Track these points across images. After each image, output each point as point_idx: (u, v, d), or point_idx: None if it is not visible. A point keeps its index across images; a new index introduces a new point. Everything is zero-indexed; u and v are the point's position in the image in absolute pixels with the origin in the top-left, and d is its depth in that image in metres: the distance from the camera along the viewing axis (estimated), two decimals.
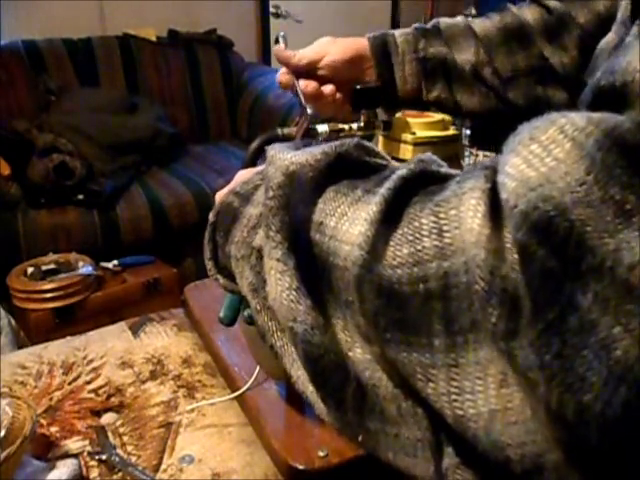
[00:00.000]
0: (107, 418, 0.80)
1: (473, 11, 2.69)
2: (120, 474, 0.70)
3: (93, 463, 0.72)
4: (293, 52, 0.75)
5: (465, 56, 0.73)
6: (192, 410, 0.79)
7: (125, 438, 0.75)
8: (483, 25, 0.74)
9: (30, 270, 1.78)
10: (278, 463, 0.69)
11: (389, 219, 0.28)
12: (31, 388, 0.85)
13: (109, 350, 0.93)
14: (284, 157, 0.33)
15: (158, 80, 2.72)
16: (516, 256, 0.22)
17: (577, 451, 0.22)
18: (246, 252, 0.38)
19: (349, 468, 0.67)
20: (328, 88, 0.74)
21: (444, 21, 0.76)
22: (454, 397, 0.25)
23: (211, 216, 0.45)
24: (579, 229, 0.21)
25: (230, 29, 2.94)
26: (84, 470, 0.71)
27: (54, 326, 1.72)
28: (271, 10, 3.20)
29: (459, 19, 0.76)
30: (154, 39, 2.74)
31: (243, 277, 0.38)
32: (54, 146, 2.06)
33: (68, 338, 0.98)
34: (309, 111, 0.72)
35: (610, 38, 0.46)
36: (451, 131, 0.90)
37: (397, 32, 0.77)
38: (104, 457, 0.72)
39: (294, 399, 0.76)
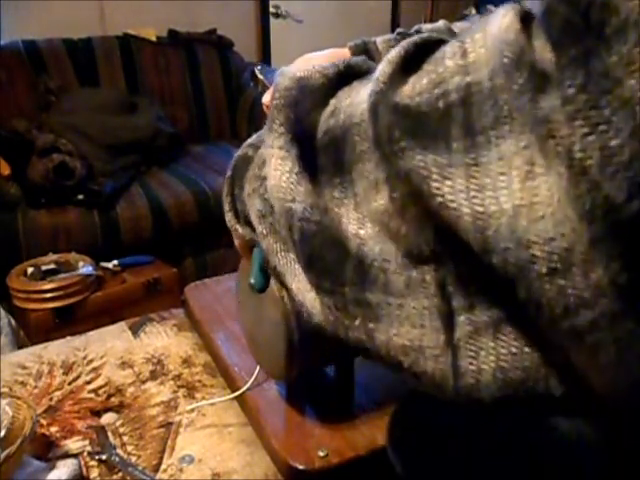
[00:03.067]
0: (107, 418, 0.80)
1: (473, 11, 2.69)
2: (120, 474, 0.70)
3: (93, 463, 0.72)
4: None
5: None
6: (192, 410, 0.79)
7: (125, 438, 0.75)
8: (463, 27, 0.75)
9: (30, 270, 1.78)
10: (278, 463, 0.69)
11: (409, 63, 0.27)
12: (31, 388, 0.85)
13: (109, 350, 0.93)
14: (292, 70, 0.35)
15: (158, 80, 2.72)
16: (545, 40, 0.21)
17: (602, 221, 0.20)
18: (256, 184, 0.39)
19: (349, 468, 0.67)
20: None
21: (425, 26, 0.77)
22: (473, 194, 0.23)
23: (228, 171, 0.46)
24: None
25: (230, 29, 2.94)
26: (84, 470, 0.71)
27: (54, 326, 1.72)
28: (271, 10, 3.20)
29: (440, 23, 0.76)
30: (154, 39, 2.74)
31: (253, 207, 0.39)
32: (54, 146, 2.06)
33: (68, 338, 0.98)
34: None
35: None
36: None
37: (378, 39, 0.77)
38: (104, 457, 0.72)
39: (294, 399, 0.76)
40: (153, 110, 2.53)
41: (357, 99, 0.31)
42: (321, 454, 0.66)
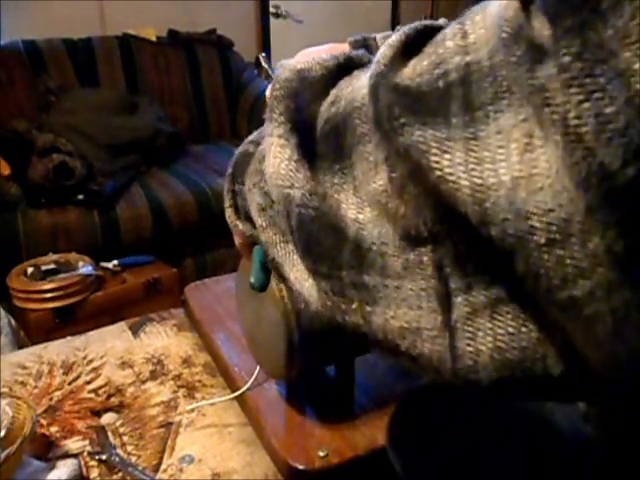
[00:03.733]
0: (107, 418, 0.80)
1: None
2: (120, 474, 0.70)
3: (93, 463, 0.72)
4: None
5: None
6: (192, 410, 0.79)
7: (125, 438, 0.75)
8: None
9: (30, 270, 1.78)
10: (278, 463, 0.69)
11: (409, 47, 0.28)
12: (31, 388, 0.85)
13: (109, 350, 0.93)
14: (292, 62, 0.35)
15: (158, 80, 2.72)
16: (542, 18, 0.21)
17: (597, 189, 0.20)
18: (257, 179, 0.39)
19: (349, 468, 0.67)
20: None
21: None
22: (472, 167, 0.24)
23: (229, 167, 0.46)
24: None
25: (230, 29, 2.94)
26: (84, 470, 0.71)
27: (54, 326, 1.72)
28: (271, 10, 3.20)
29: (441, 21, 0.76)
30: (154, 39, 2.74)
31: (253, 201, 0.39)
32: (54, 146, 2.06)
33: (68, 338, 0.98)
34: None
35: None
36: None
37: (378, 35, 0.77)
38: (104, 457, 0.72)
39: (294, 399, 0.76)
40: (153, 110, 2.53)
41: (358, 84, 0.31)
42: (321, 454, 0.66)
